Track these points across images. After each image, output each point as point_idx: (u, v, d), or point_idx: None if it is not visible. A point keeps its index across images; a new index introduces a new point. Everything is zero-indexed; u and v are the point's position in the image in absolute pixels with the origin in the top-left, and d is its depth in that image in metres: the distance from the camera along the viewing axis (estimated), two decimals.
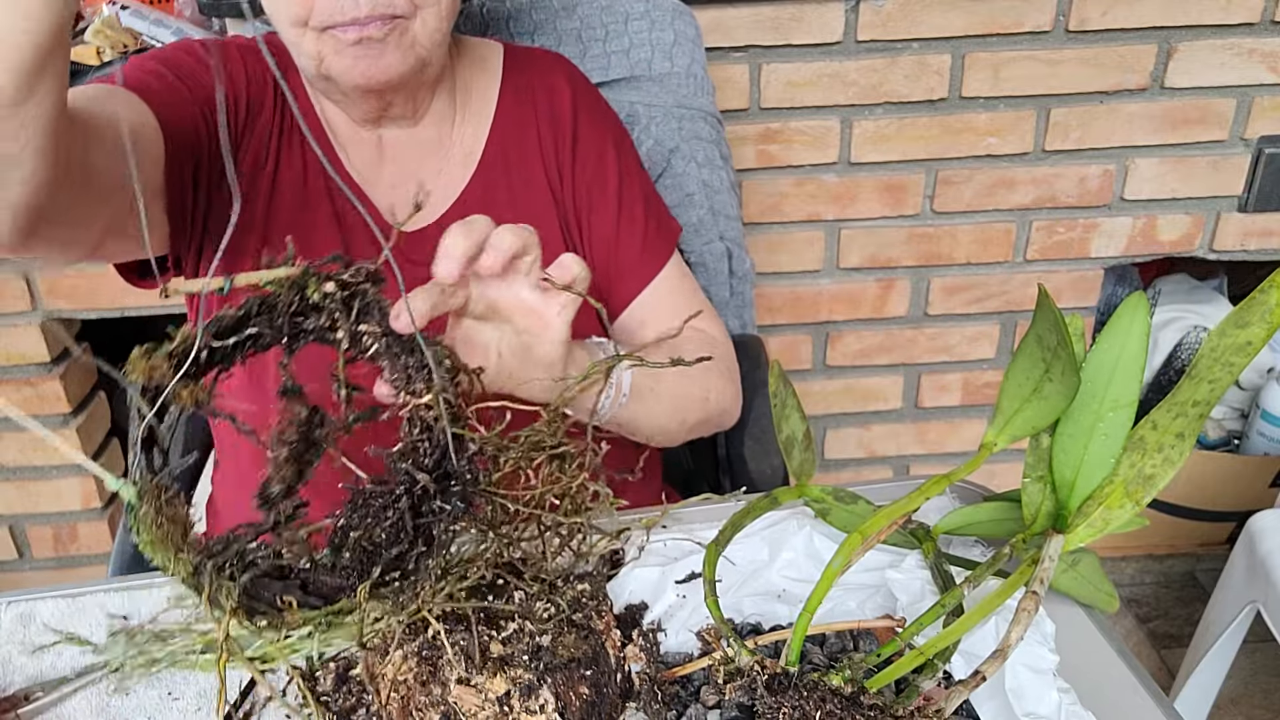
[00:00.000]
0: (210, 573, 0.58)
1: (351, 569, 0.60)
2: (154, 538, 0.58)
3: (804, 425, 0.81)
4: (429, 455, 0.61)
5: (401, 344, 0.62)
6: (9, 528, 1.78)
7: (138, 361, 0.58)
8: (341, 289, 0.62)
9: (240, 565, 0.58)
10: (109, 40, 1.61)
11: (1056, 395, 0.65)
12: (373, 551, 0.60)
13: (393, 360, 0.62)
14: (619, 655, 0.70)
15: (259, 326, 0.61)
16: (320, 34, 0.89)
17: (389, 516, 0.60)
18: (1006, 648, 0.61)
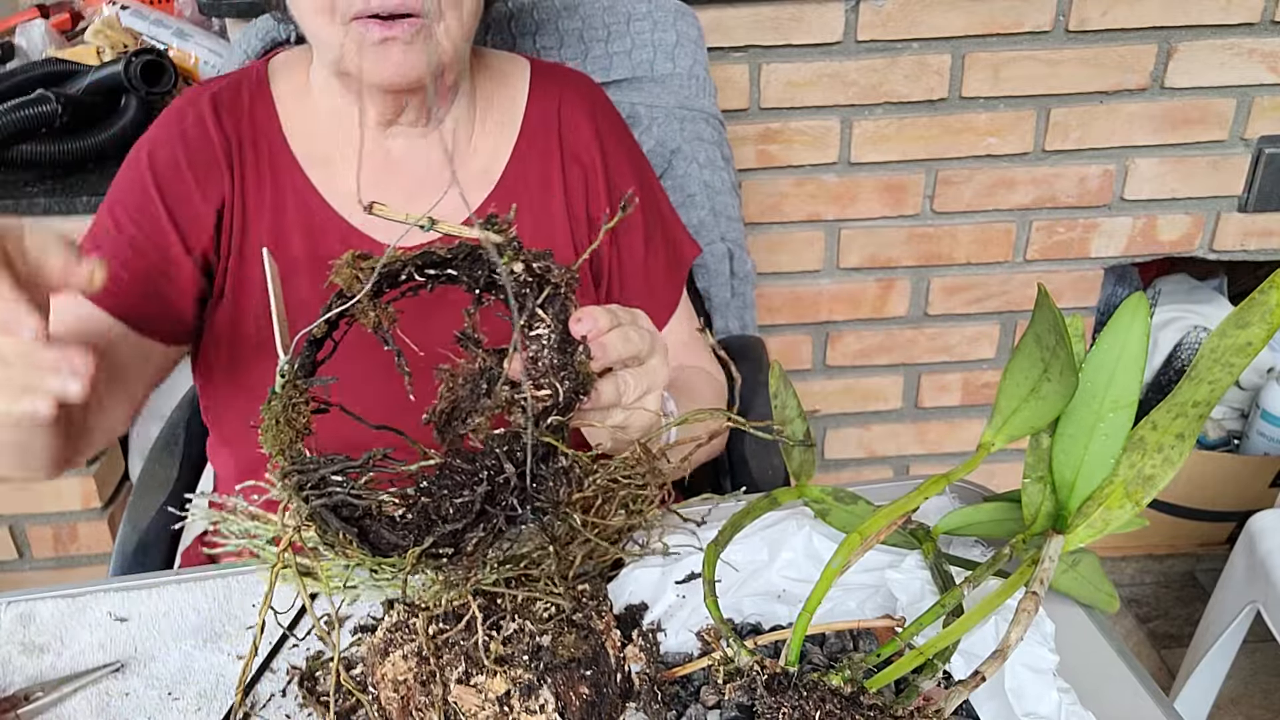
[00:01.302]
0: (291, 486, 0.60)
1: (409, 530, 0.61)
2: (271, 431, 0.62)
3: (804, 426, 0.81)
4: (523, 451, 0.62)
5: (560, 343, 0.64)
6: (9, 528, 1.78)
7: (346, 265, 0.62)
8: (529, 273, 0.63)
9: (319, 490, 0.60)
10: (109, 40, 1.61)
11: (1055, 395, 0.65)
12: (434, 522, 0.61)
13: (541, 350, 0.63)
14: (619, 655, 0.70)
15: (461, 271, 0.64)
16: (346, 25, 0.89)
17: (463, 495, 0.61)
18: (1006, 648, 0.61)
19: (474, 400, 0.65)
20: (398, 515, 0.61)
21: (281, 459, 0.62)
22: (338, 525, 0.60)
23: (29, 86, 1.46)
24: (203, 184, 0.97)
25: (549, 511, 0.62)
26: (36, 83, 1.48)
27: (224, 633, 0.79)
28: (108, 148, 1.48)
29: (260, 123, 1.00)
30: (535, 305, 0.63)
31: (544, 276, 0.64)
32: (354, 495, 0.61)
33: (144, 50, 1.49)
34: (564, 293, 0.65)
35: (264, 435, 0.62)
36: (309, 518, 0.60)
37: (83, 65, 1.54)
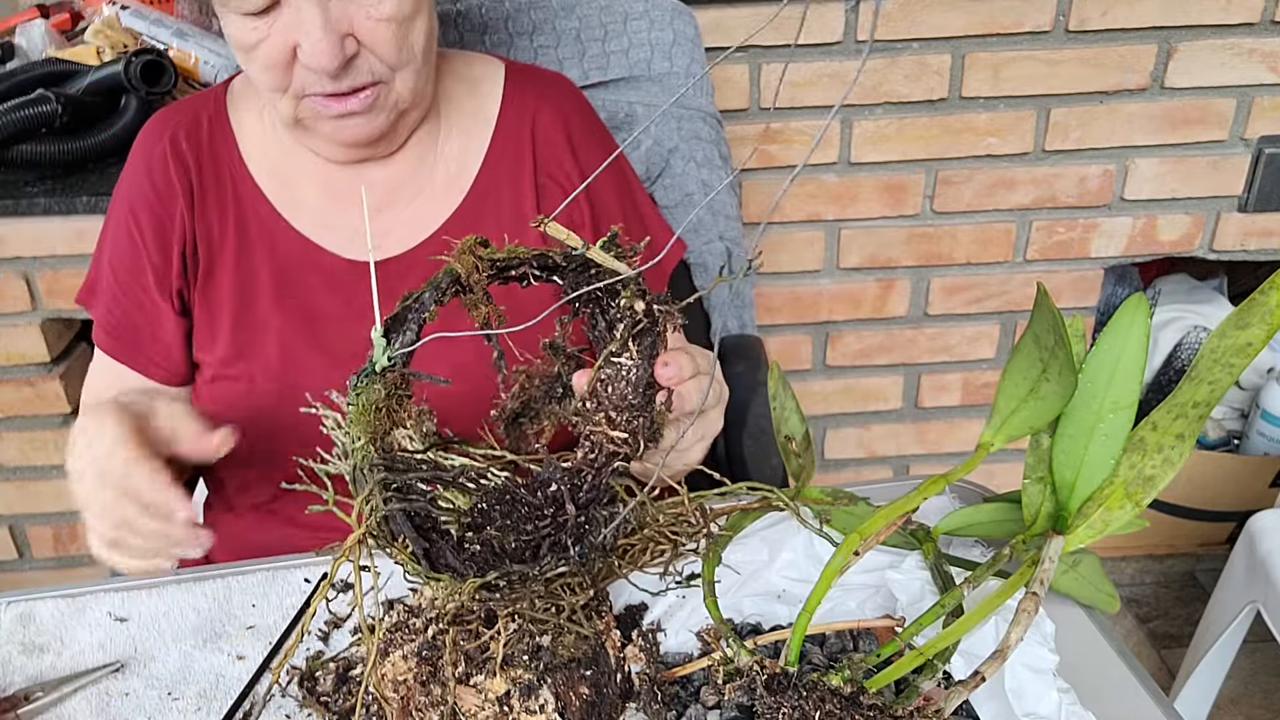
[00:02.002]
0: (376, 483, 0.58)
1: (473, 561, 0.59)
2: (364, 415, 0.59)
3: (803, 427, 0.81)
4: (585, 491, 0.61)
5: (639, 380, 0.62)
6: (9, 528, 1.78)
7: (466, 251, 0.61)
8: (646, 313, 0.62)
9: (400, 494, 0.58)
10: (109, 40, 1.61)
11: (1054, 395, 0.65)
12: (499, 556, 0.60)
13: (618, 379, 0.62)
14: (619, 655, 0.70)
15: (567, 280, 0.63)
16: (298, 101, 0.89)
17: (527, 531, 0.60)
18: (1006, 648, 0.61)
19: (546, 403, 0.65)
20: (464, 539, 0.60)
21: (370, 450, 0.58)
22: (410, 536, 0.58)
23: (29, 86, 1.46)
24: (172, 224, 0.99)
25: (594, 553, 0.61)
26: (36, 83, 1.48)
27: (224, 633, 0.79)
28: (108, 148, 1.48)
29: (219, 152, 1.00)
30: (629, 335, 0.62)
31: (655, 317, 0.63)
32: (432, 505, 0.59)
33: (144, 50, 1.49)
34: (659, 332, 0.63)
35: (354, 416, 0.59)
36: (379, 519, 0.58)
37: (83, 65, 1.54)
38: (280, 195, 0.99)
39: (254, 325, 0.98)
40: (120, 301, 1.00)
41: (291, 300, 0.98)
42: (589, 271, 0.63)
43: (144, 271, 0.99)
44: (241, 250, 0.99)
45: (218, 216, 0.99)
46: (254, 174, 0.99)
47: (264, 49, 0.86)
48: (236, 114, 1.01)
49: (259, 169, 1.00)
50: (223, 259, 0.99)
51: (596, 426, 0.61)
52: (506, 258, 0.62)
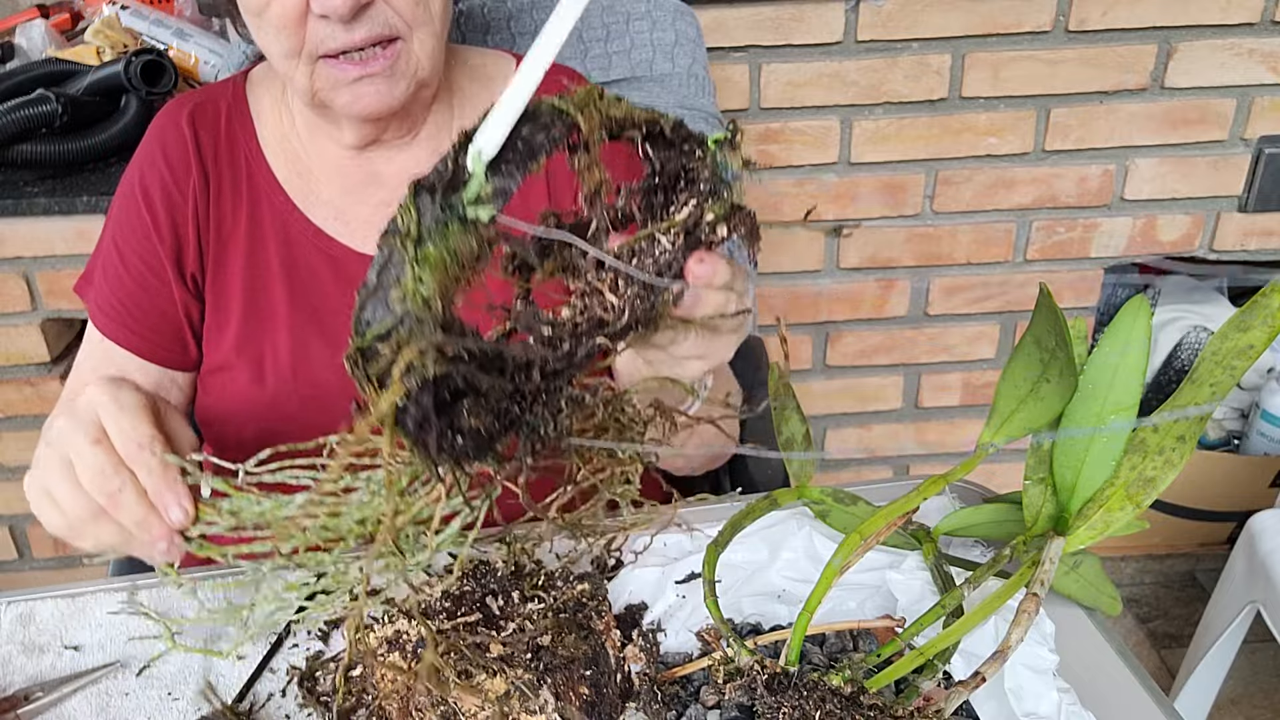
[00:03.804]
0: (430, 340, 0.48)
1: (453, 448, 0.52)
2: (433, 258, 0.48)
3: (803, 427, 0.81)
4: (558, 359, 0.54)
5: (670, 269, 0.56)
6: (9, 528, 1.78)
7: (590, 102, 0.54)
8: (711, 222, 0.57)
9: (441, 363, 0.49)
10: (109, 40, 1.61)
11: (1053, 396, 0.65)
12: (475, 440, 0.52)
13: (645, 262, 0.56)
14: (619, 655, 0.70)
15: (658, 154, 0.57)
16: (314, 65, 0.88)
17: (504, 409, 0.53)
18: (1006, 649, 0.61)
19: (559, 252, 0.56)
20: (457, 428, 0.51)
21: (436, 303, 0.48)
22: (428, 413, 0.49)
23: (29, 86, 1.46)
24: (187, 205, 0.98)
25: (543, 428, 0.55)
26: (36, 83, 1.48)
27: (224, 633, 0.79)
28: (108, 148, 1.48)
29: (236, 137, 0.99)
30: (684, 227, 0.56)
31: (734, 219, 0.57)
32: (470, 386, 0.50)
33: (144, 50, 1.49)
34: (713, 240, 0.58)
35: (432, 258, 0.48)
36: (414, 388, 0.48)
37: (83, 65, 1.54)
38: (295, 185, 0.99)
39: (263, 315, 0.98)
40: (124, 281, 0.99)
41: (301, 291, 0.98)
42: (684, 155, 0.56)
43: (153, 251, 0.97)
44: (253, 239, 0.98)
45: (231, 204, 0.98)
46: (270, 162, 0.99)
47: (275, 7, 0.85)
48: (256, 102, 1.01)
49: (275, 157, 0.99)
50: (234, 246, 0.98)
51: (595, 284, 0.55)
52: (624, 116, 0.54)
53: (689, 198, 0.57)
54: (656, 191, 0.57)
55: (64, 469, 0.70)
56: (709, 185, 0.56)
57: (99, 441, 0.69)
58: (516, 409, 0.53)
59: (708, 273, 0.58)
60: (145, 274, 0.98)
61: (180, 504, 0.68)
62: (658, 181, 0.57)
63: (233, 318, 0.98)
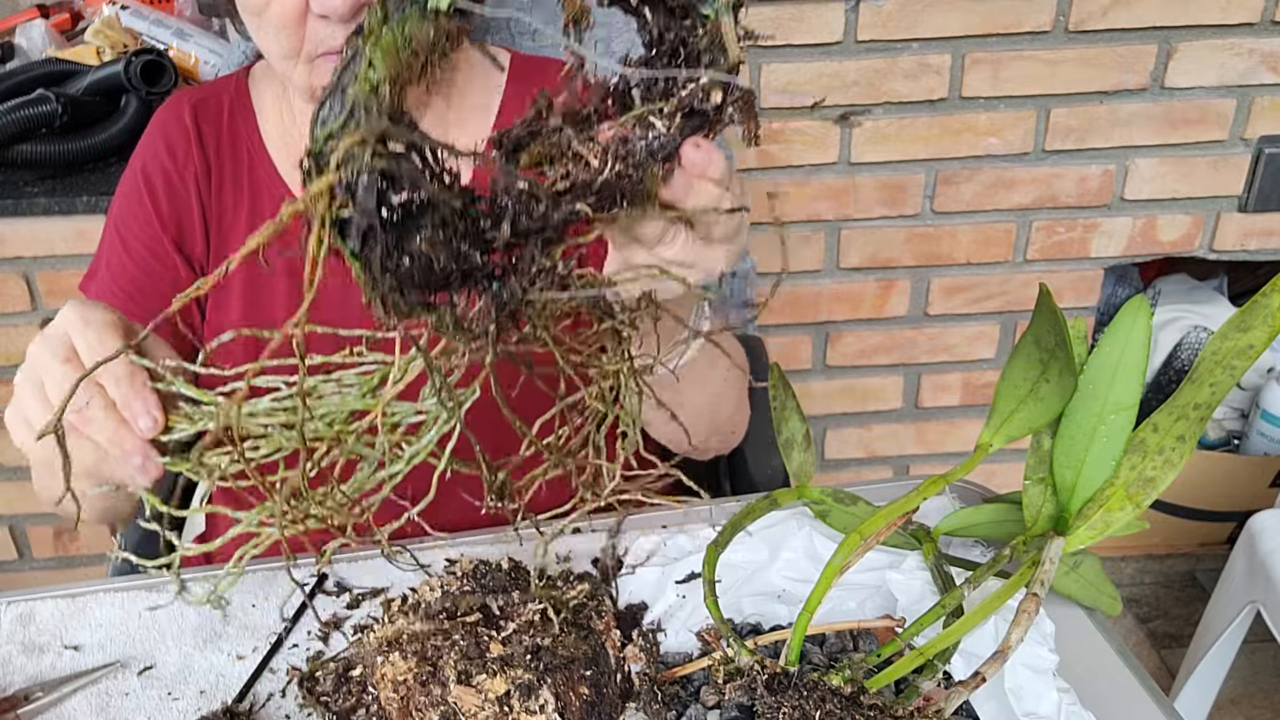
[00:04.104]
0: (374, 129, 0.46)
1: (396, 276, 0.49)
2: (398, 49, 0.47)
3: (803, 427, 0.81)
4: (532, 218, 0.51)
5: (663, 151, 0.54)
6: (9, 528, 1.78)
7: None
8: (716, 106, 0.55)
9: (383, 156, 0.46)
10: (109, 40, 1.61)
11: (1053, 396, 0.65)
12: (425, 275, 0.50)
13: (638, 143, 0.54)
14: (619, 655, 0.70)
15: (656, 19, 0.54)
16: (312, 64, 0.88)
17: (457, 252, 0.50)
18: (1006, 649, 0.61)
19: (552, 135, 0.53)
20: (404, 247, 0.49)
21: (385, 90, 0.46)
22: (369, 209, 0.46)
23: (29, 86, 1.46)
24: (190, 192, 0.98)
25: (512, 300, 0.52)
26: (36, 83, 1.48)
27: (224, 633, 0.79)
28: (108, 148, 1.48)
29: (239, 130, 1.00)
30: (683, 107, 0.53)
31: (720, 115, 0.54)
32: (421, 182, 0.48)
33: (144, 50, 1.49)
34: (714, 122, 0.55)
35: (385, 42, 0.46)
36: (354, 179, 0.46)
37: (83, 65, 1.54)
38: (296, 179, 0.99)
39: (263, 308, 0.98)
40: (127, 268, 0.98)
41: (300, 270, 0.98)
42: (684, 28, 0.53)
43: (156, 237, 0.97)
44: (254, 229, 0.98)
45: (233, 196, 0.99)
46: (273, 155, 0.99)
47: (275, 7, 0.85)
48: (258, 97, 1.02)
49: (277, 151, 1.00)
50: (235, 239, 0.98)
51: (581, 151, 0.52)
52: None
53: (686, 79, 0.54)
54: (653, 65, 0.55)
55: (36, 391, 0.69)
56: (709, 59, 0.54)
57: (68, 360, 0.67)
58: (479, 259, 0.51)
59: (702, 159, 0.55)
60: (149, 260, 0.98)
61: (149, 412, 0.66)
62: (655, 54, 0.55)
63: (233, 312, 0.98)
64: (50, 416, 0.65)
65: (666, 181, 0.55)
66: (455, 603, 0.68)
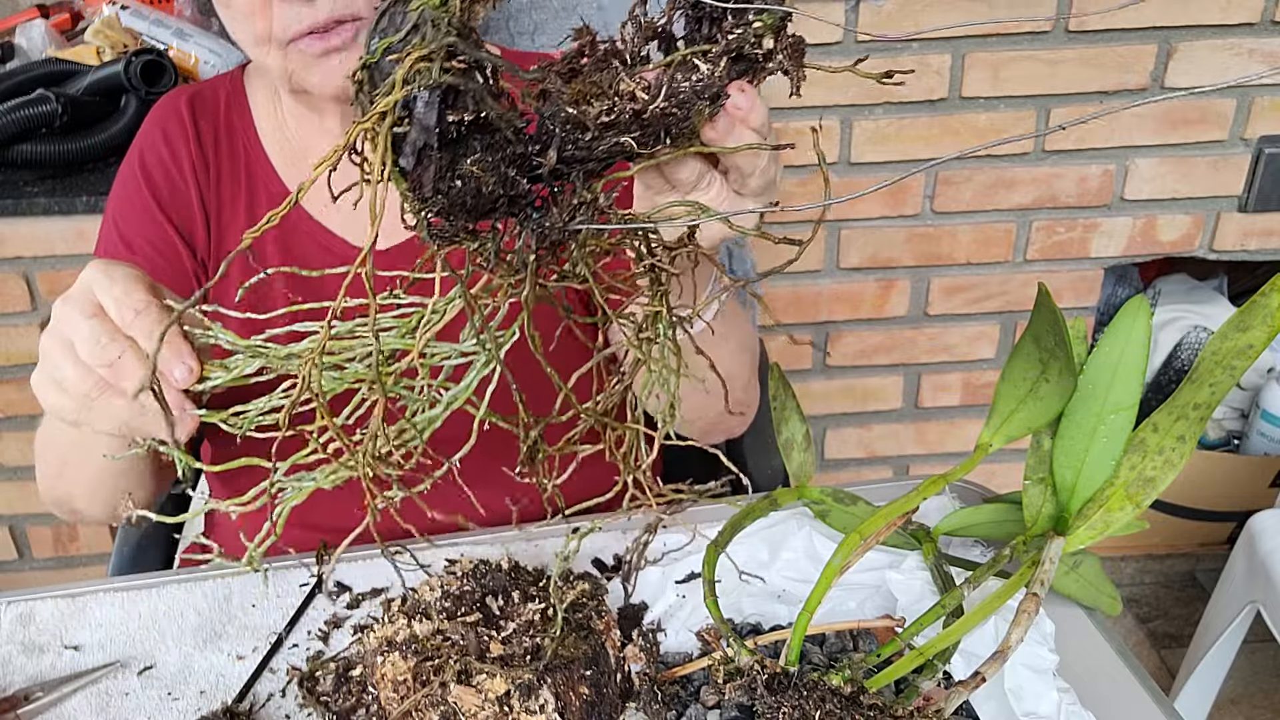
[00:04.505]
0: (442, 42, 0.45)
1: (444, 197, 0.49)
2: None
3: (803, 427, 0.81)
4: (578, 146, 0.51)
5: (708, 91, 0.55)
6: (9, 528, 1.78)
7: None
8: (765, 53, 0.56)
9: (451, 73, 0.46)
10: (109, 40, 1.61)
11: (1053, 396, 0.65)
12: (475, 198, 0.50)
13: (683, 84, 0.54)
14: (619, 655, 0.70)
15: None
16: (284, 49, 0.87)
17: (504, 177, 0.50)
18: (1006, 649, 0.61)
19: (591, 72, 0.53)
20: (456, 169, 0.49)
21: (457, 6, 0.46)
22: (428, 125, 0.46)
23: (29, 86, 1.46)
24: (189, 185, 0.98)
25: (553, 230, 0.52)
26: (36, 83, 1.48)
27: (224, 633, 0.79)
28: (108, 148, 1.48)
29: (235, 126, 1.00)
30: (730, 52, 0.54)
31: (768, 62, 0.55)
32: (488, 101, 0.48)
33: (144, 50, 1.49)
34: (759, 69, 0.56)
35: None
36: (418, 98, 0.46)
37: (83, 65, 1.54)
38: (291, 174, 0.99)
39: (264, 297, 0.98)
40: (126, 260, 0.99)
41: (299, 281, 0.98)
42: None
43: (158, 229, 0.97)
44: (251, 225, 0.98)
45: (230, 192, 0.99)
46: (268, 150, 1.00)
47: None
48: (254, 93, 1.02)
49: (272, 145, 1.00)
50: (233, 235, 0.98)
51: (629, 85, 0.52)
52: None
53: (735, 24, 0.55)
54: (700, 19, 0.55)
55: (65, 349, 0.68)
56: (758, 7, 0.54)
57: (95, 314, 0.67)
58: (525, 185, 0.51)
59: (747, 103, 0.56)
60: (151, 254, 0.97)
61: (184, 361, 0.65)
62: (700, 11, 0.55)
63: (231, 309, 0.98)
64: (82, 377, 0.65)
65: (712, 120, 0.55)
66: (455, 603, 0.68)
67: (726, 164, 0.60)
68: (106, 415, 0.68)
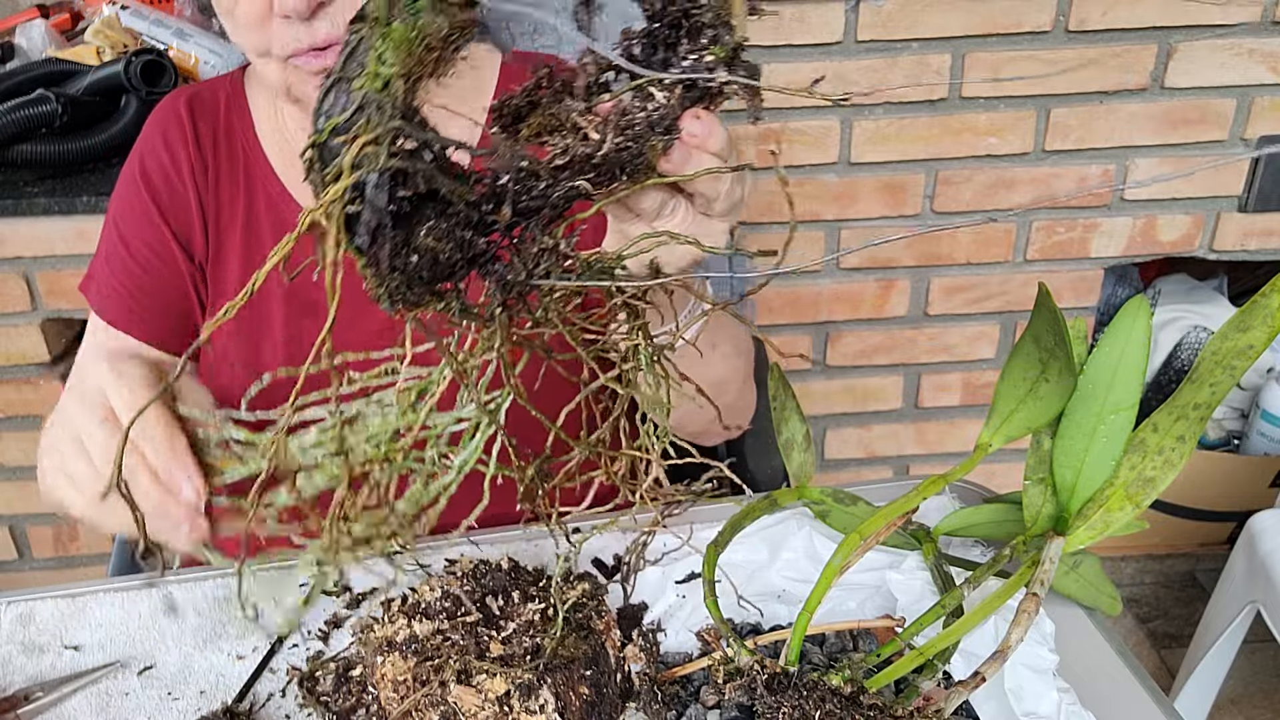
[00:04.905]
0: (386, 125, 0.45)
1: (403, 274, 0.49)
2: (411, 42, 0.46)
3: (804, 427, 0.81)
4: (532, 196, 0.50)
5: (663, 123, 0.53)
6: (9, 528, 1.78)
7: None
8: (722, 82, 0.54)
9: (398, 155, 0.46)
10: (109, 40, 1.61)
11: (1052, 396, 0.65)
12: (434, 269, 0.49)
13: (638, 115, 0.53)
14: (619, 655, 0.70)
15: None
16: (283, 63, 0.88)
17: (460, 240, 0.49)
18: (1006, 649, 0.61)
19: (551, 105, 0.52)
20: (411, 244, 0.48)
21: (400, 87, 0.45)
22: (378, 209, 0.46)
23: (29, 86, 1.46)
24: (188, 188, 0.98)
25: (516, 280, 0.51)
26: (36, 83, 1.48)
27: (224, 633, 0.79)
28: (108, 148, 1.48)
29: (234, 126, 1.00)
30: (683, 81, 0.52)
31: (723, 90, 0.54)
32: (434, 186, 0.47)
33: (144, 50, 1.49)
34: (715, 95, 0.54)
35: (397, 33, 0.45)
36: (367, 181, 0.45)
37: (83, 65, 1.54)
38: (290, 175, 0.99)
39: (258, 306, 0.98)
40: (129, 266, 0.99)
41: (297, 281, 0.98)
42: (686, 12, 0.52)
43: (156, 233, 0.98)
44: (249, 229, 0.98)
45: (229, 193, 0.99)
46: (267, 151, 1.00)
47: (243, 5, 0.86)
48: (253, 95, 1.02)
49: (271, 147, 1.00)
50: (231, 237, 0.98)
51: (580, 123, 0.51)
52: None
53: (689, 50, 0.53)
54: (655, 44, 0.54)
55: (77, 449, 0.69)
56: (712, 34, 0.53)
57: (106, 419, 0.68)
58: (483, 243, 0.50)
59: (703, 130, 0.55)
60: (150, 258, 0.98)
61: (189, 479, 0.66)
62: (657, 27, 0.54)
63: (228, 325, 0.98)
64: (96, 480, 0.67)
65: (666, 153, 0.54)
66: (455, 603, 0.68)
67: (689, 189, 0.60)
68: (116, 517, 0.69)
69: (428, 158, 0.47)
